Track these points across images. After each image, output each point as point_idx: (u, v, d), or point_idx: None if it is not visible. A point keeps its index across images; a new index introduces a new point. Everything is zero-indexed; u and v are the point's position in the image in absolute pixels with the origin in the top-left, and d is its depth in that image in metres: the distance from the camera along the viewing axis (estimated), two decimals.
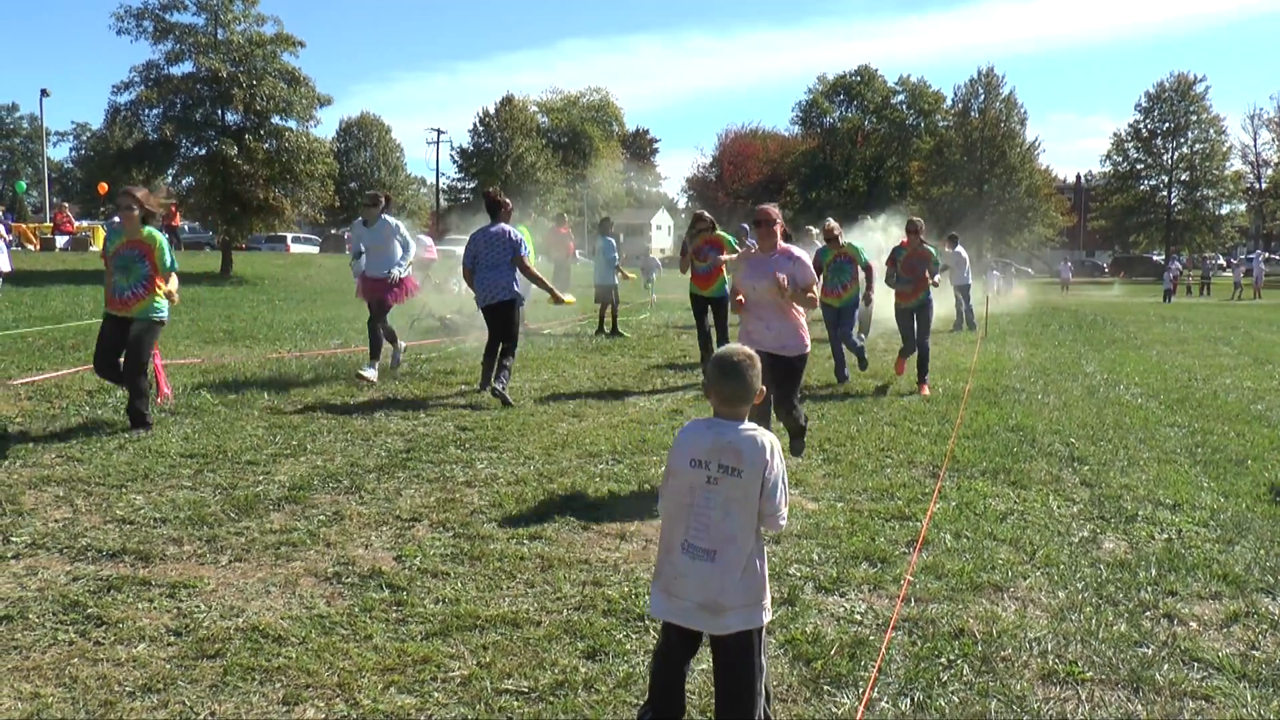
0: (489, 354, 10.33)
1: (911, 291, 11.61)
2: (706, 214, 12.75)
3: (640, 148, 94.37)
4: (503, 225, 10.21)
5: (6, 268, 20.45)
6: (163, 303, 8.25)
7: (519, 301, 10.25)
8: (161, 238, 8.20)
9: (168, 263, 8.19)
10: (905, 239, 11.68)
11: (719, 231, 12.48)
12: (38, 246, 40.76)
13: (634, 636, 4.29)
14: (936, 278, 11.71)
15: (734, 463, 3.17)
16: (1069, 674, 4.01)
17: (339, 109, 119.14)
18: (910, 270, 11.53)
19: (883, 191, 71.42)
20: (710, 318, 12.48)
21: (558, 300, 10.68)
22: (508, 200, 10.46)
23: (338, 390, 10.37)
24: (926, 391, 11.20)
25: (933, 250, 11.64)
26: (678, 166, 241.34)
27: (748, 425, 3.25)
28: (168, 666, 3.92)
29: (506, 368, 10.08)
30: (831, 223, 12.40)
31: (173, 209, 41.84)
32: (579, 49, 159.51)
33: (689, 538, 3.19)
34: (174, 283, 8.35)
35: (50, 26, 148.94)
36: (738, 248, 11.92)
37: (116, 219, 8.42)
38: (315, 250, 57.47)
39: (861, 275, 12.04)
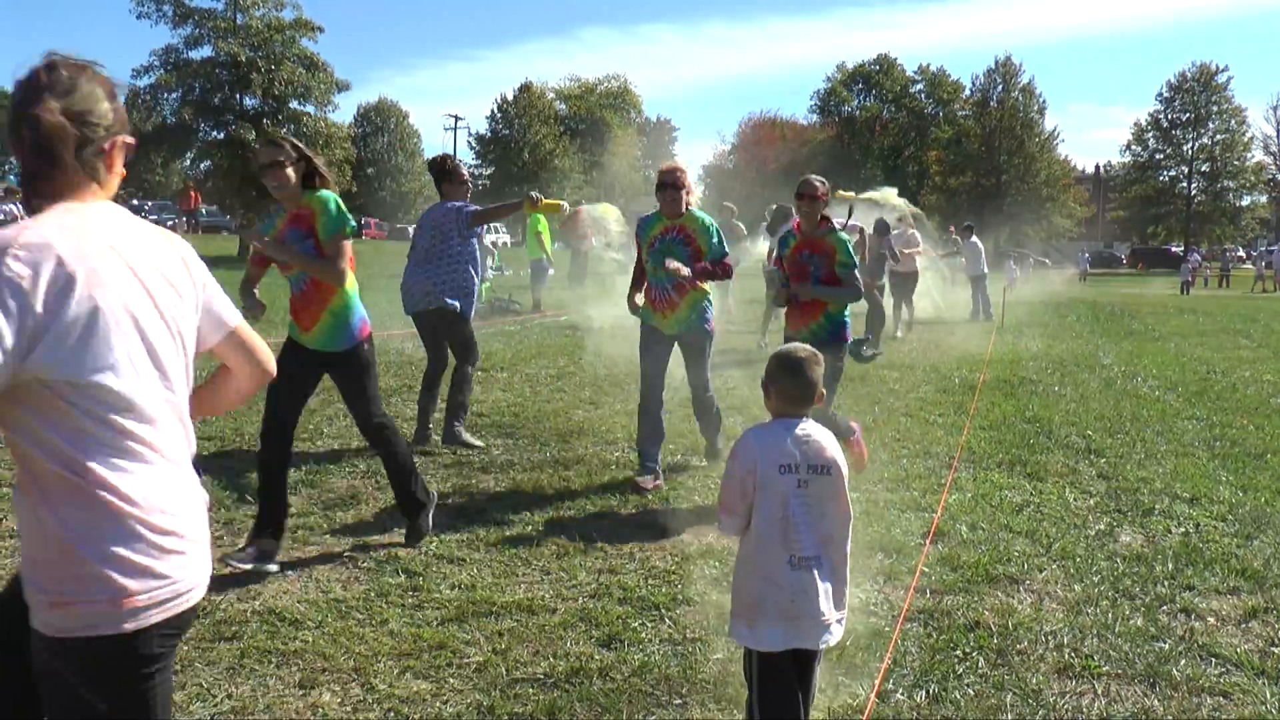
0: (426, 388, 7.70)
1: (804, 313, 6.57)
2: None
3: (659, 135, 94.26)
4: (448, 204, 7.35)
5: None
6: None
7: (462, 312, 7.37)
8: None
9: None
10: (795, 220, 6.74)
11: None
12: None
13: (649, 625, 4.29)
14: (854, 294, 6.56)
15: (821, 461, 3.02)
16: (1085, 668, 3.99)
17: (357, 95, 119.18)
18: (799, 272, 6.56)
19: (900, 181, 70.88)
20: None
21: (536, 206, 7.25)
22: (462, 170, 7.59)
23: None
24: (864, 455, 6.82)
25: (844, 239, 6.53)
26: (696, 154, 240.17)
27: (811, 421, 3.11)
28: (185, 648, 3.94)
29: (461, 405, 7.52)
30: (676, 164, 6.69)
31: (192, 192, 42.13)
32: (598, 37, 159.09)
33: (795, 551, 2.97)
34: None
35: (70, 9, 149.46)
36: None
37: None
38: None
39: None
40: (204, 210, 49.14)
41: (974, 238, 21.78)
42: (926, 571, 4.99)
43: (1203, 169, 75.63)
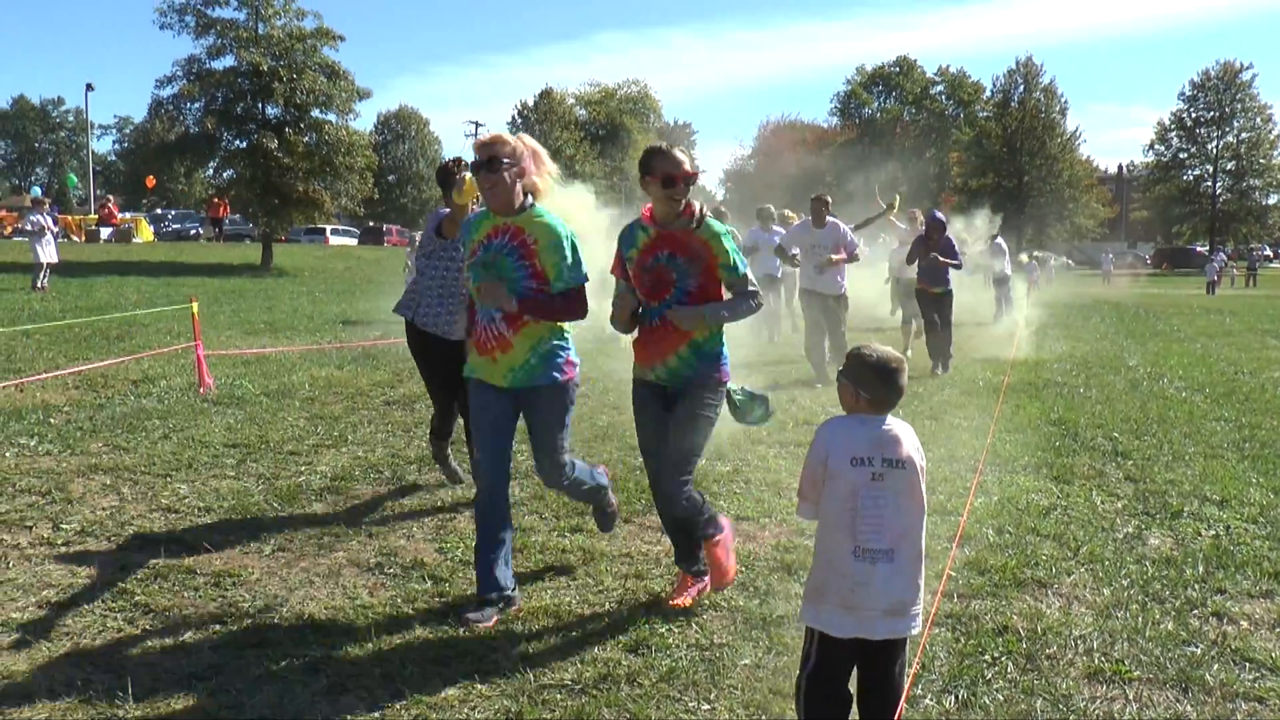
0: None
1: (659, 342, 4.56)
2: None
3: (678, 139, 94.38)
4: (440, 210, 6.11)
5: (54, 259, 20.76)
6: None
7: (410, 324, 6.18)
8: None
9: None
10: (646, 207, 4.58)
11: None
12: (82, 238, 41.43)
13: (676, 630, 4.28)
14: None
15: (897, 454, 3.09)
16: (1115, 673, 3.95)
17: (377, 102, 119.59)
18: (656, 281, 4.50)
19: (922, 184, 70.74)
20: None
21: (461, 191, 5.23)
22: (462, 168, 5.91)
23: (378, 382, 10.43)
24: (684, 601, 4.53)
25: (721, 230, 4.43)
26: (716, 158, 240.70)
27: (893, 417, 3.20)
28: (213, 655, 3.96)
29: (433, 436, 6.55)
30: (498, 134, 4.44)
31: (219, 201, 42.45)
32: (615, 41, 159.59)
33: (860, 542, 3.02)
34: None
35: (94, 21, 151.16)
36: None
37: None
38: (354, 242, 57.94)
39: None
40: (228, 219, 49.50)
41: (999, 239, 21.70)
42: (954, 576, 4.95)
43: (1227, 168, 75.00)
